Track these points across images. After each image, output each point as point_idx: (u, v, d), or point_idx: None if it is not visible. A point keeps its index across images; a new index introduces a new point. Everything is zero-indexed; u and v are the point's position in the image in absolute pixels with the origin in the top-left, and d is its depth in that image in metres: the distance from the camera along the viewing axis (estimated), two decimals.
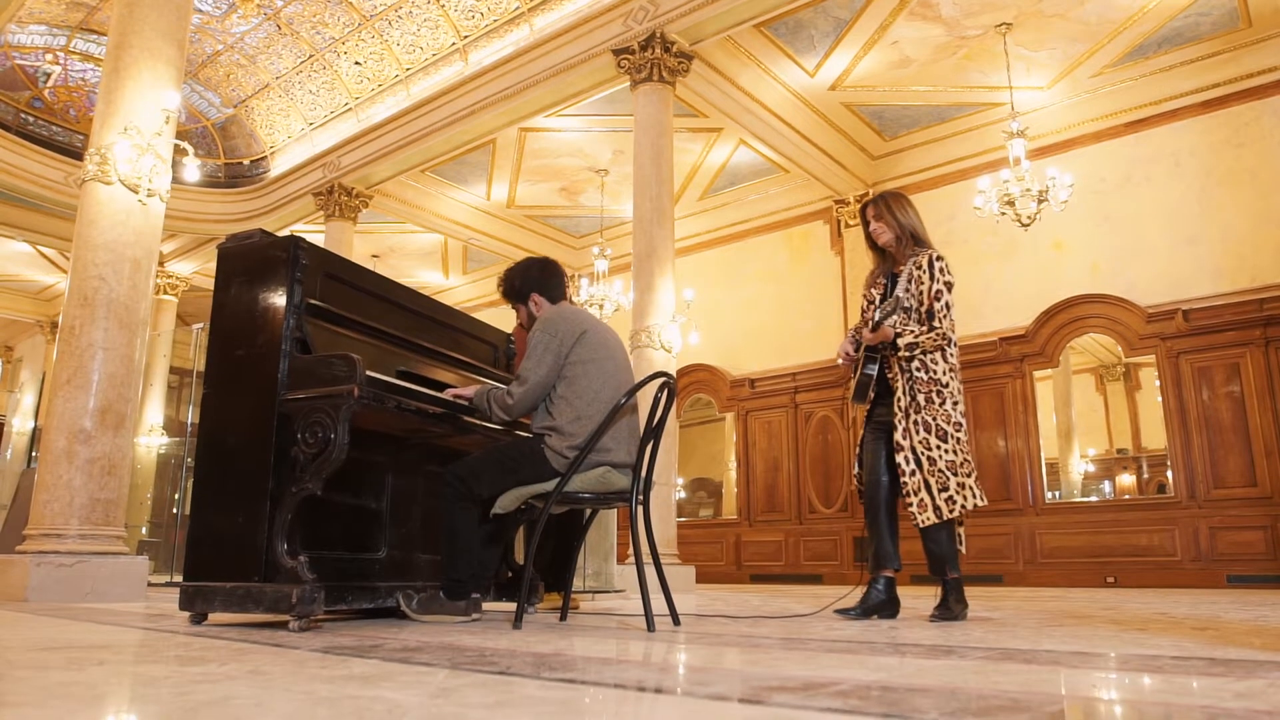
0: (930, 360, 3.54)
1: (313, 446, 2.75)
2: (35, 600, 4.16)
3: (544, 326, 3.14)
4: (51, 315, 16.54)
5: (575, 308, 3.27)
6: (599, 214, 12.76)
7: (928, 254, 3.62)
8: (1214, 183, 9.28)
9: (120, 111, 4.83)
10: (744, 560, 12.00)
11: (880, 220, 3.76)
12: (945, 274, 3.58)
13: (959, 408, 3.53)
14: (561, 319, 3.15)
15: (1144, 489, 9.85)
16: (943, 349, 3.54)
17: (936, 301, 3.54)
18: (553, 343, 3.08)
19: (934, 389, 3.51)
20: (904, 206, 3.74)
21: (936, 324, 3.52)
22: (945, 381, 3.52)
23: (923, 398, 3.51)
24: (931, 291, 3.55)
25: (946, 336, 3.52)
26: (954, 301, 3.59)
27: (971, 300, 10.71)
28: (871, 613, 3.53)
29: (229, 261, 3.08)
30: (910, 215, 3.72)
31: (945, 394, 3.50)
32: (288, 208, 12.33)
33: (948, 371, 3.54)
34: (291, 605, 2.63)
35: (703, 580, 11.77)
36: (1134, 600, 5.60)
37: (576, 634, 2.72)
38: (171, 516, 11.81)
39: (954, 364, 3.58)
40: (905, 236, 3.70)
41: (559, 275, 3.36)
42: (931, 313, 3.54)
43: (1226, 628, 2.98)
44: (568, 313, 3.19)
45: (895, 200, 3.76)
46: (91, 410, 4.49)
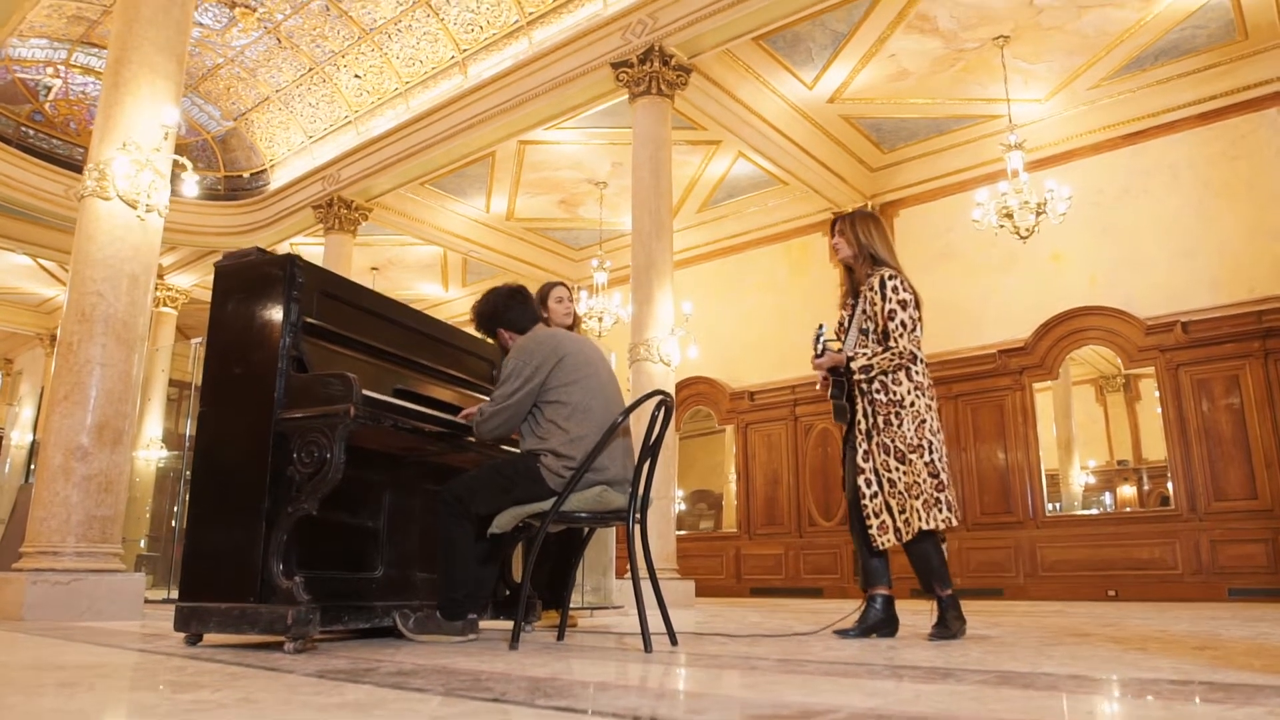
0: (892, 380, 3.52)
1: (309, 466, 2.75)
2: (32, 618, 4.14)
3: (516, 353, 3.13)
4: (51, 328, 16.53)
5: (549, 331, 3.26)
6: (598, 226, 12.77)
7: (880, 274, 3.59)
8: (1211, 195, 9.29)
9: (119, 127, 4.84)
10: (744, 573, 11.97)
11: (841, 236, 3.75)
12: (899, 292, 3.55)
13: (927, 425, 3.49)
14: (536, 345, 3.13)
15: (1145, 500, 9.83)
16: (906, 367, 3.52)
17: (890, 321, 3.52)
18: (525, 369, 3.06)
19: (893, 410, 3.49)
20: (867, 226, 3.71)
21: (892, 344, 3.50)
22: (910, 401, 3.49)
23: (882, 420, 3.51)
24: (884, 312, 3.53)
25: (909, 354, 3.50)
26: (916, 317, 3.55)
27: (970, 312, 10.72)
28: (870, 631, 3.52)
29: (226, 279, 3.08)
30: (871, 235, 3.69)
31: (905, 414, 3.48)
32: (287, 220, 12.34)
33: (912, 390, 3.51)
34: (287, 627, 2.62)
35: (703, 593, 11.74)
36: (1134, 615, 5.58)
37: (574, 655, 2.71)
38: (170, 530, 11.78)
39: (921, 381, 3.54)
40: (863, 255, 3.67)
41: (521, 302, 3.33)
42: (887, 333, 3.53)
43: (1226, 647, 2.96)
44: (542, 337, 3.18)
45: (860, 219, 3.75)
46: (89, 427, 4.48)
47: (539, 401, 3.08)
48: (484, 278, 15.05)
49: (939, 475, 3.45)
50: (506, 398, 3.05)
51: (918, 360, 3.53)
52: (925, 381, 3.55)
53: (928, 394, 3.54)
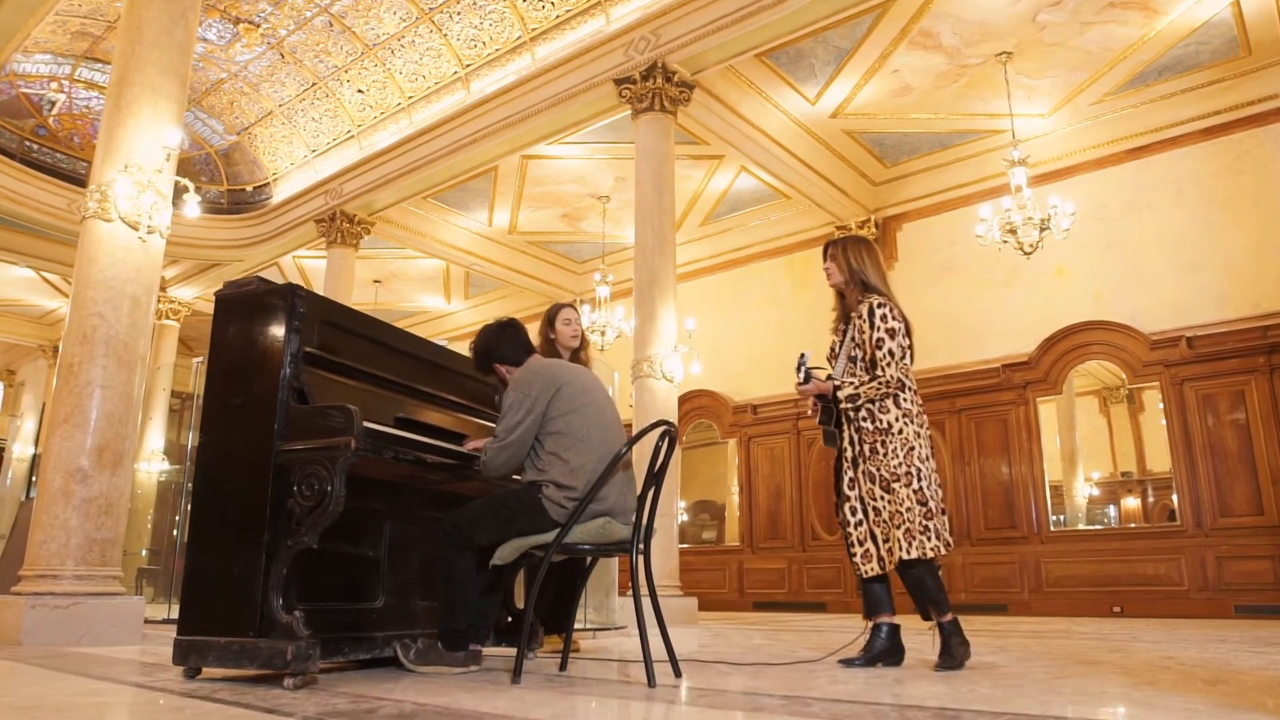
0: (879, 408, 3.50)
1: (309, 499, 2.72)
2: (30, 643, 4.11)
3: (515, 385, 3.11)
4: (53, 340, 16.54)
5: (544, 361, 3.24)
6: (601, 240, 12.76)
7: (869, 302, 3.57)
8: (1216, 210, 9.27)
9: (121, 149, 4.83)
10: (747, 588, 11.92)
11: (833, 261, 3.75)
12: (887, 320, 3.53)
13: (915, 453, 3.45)
14: (534, 377, 3.11)
15: (1149, 513, 9.77)
16: (895, 395, 3.50)
17: (878, 350, 3.50)
18: (525, 400, 3.04)
19: (879, 439, 3.47)
20: (859, 252, 3.70)
21: (879, 372, 3.48)
22: (898, 429, 3.47)
23: (868, 448, 3.49)
24: (872, 340, 3.52)
25: (897, 383, 3.48)
26: (906, 345, 3.52)
27: (974, 327, 10.70)
28: (876, 660, 3.48)
29: (226, 308, 3.06)
30: (863, 261, 3.67)
31: (891, 442, 3.45)
32: (290, 234, 12.35)
33: (900, 418, 3.48)
34: (287, 663, 2.59)
35: (705, 607, 11.69)
36: (1142, 637, 5.53)
37: (577, 691, 2.67)
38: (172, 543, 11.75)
39: (909, 409, 3.50)
40: (854, 281, 3.66)
41: (512, 335, 3.30)
42: (874, 361, 3.51)
43: (1238, 680, 2.92)
44: (537, 368, 3.16)
45: (852, 245, 3.74)
46: (89, 449, 4.47)
47: (539, 434, 3.06)
48: (486, 290, 15.07)
49: (927, 504, 3.41)
50: (509, 432, 3.03)
51: (906, 388, 3.51)
52: (914, 409, 3.52)
53: (917, 421, 3.51)
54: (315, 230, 11.83)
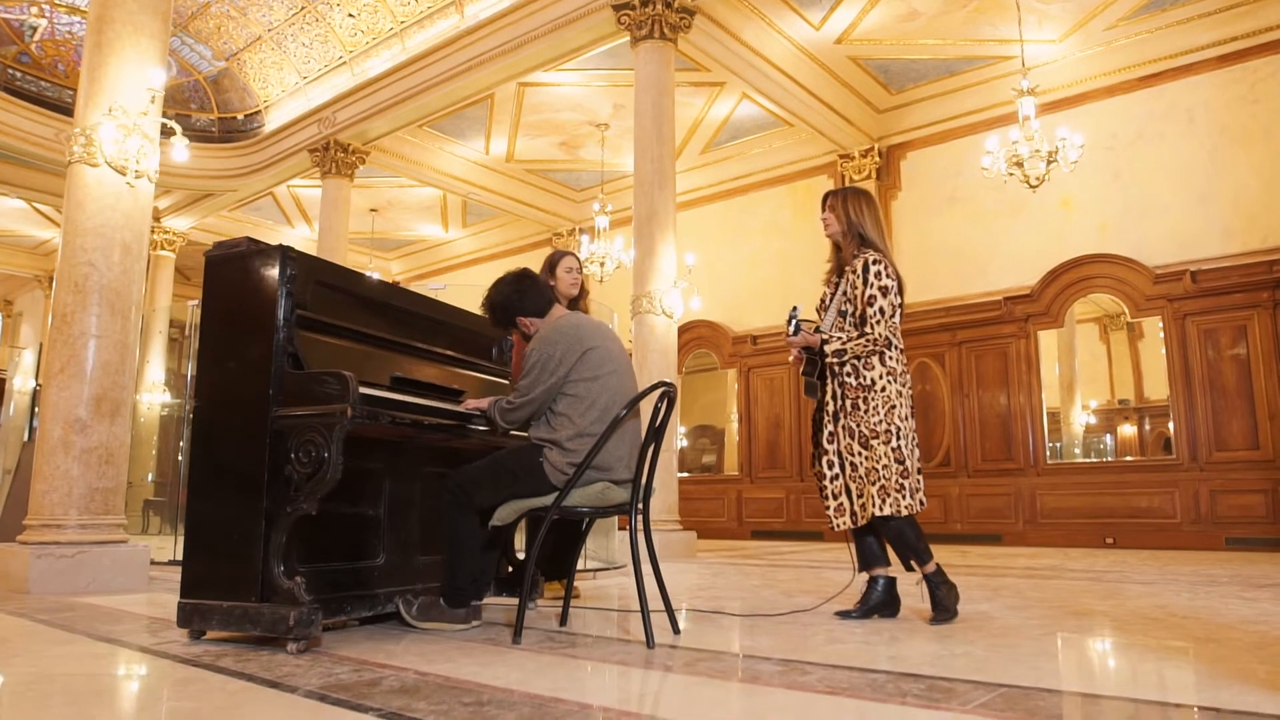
0: (864, 364, 3.49)
1: (306, 466, 2.71)
2: (37, 591, 4.17)
3: (540, 344, 3.06)
4: (49, 270, 16.42)
5: (574, 318, 3.18)
6: (600, 168, 12.55)
7: (864, 258, 3.54)
8: (1227, 140, 9.08)
9: (104, 90, 4.69)
10: (745, 517, 12.09)
11: (831, 212, 3.70)
12: (880, 278, 3.50)
13: (896, 411, 3.46)
14: (560, 336, 3.07)
15: (1145, 441, 9.81)
16: (881, 352, 3.49)
17: (869, 307, 3.48)
18: (550, 362, 3.01)
19: (861, 395, 3.47)
20: (859, 204, 3.65)
21: (869, 329, 3.46)
22: (880, 386, 3.47)
23: (850, 403, 3.49)
24: (864, 296, 3.50)
25: (884, 340, 3.47)
26: (897, 304, 3.51)
27: (977, 259, 10.60)
28: (872, 613, 3.53)
29: (216, 270, 3.00)
30: (862, 214, 3.63)
31: (873, 399, 3.45)
32: (284, 164, 12.12)
33: (884, 375, 3.48)
34: (289, 628, 2.62)
35: (705, 535, 11.88)
36: (1133, 574, 5.61)
37: (577, 654, 2.71)
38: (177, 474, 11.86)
39: (894, 367, 3.50)
40: (851, 235, 3.63)
41: (535, 286, 3.26)
42: (864, 318, 3.48)
43: (1228, 638, 2.96)
44: (565, 328, 3.11)
45: (852, 196, 3.68)
46: (86, 399, 4.45)
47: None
48: (485, 219, 14.89)
49: (904, 462, 3.44)
50: (529, 389, 3.02)
51: (892, 346, 3.52)
52: (899, 368, 3.53)
53: (900, 380, 3.52)
54: (309, 160, 11.62)
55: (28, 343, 17.20)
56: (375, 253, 15.95)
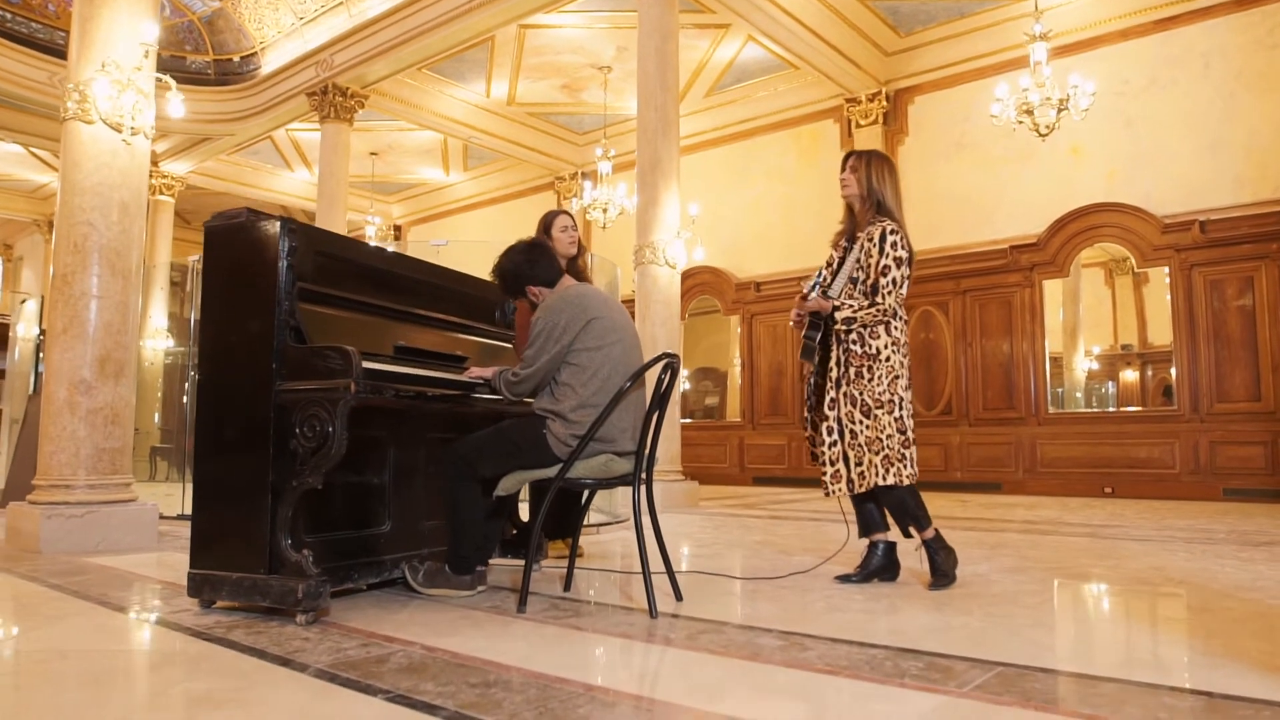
0: (870, 333, 3.50)
1: (311, 441, 2.73)
2: (49, 551, 4.23)
3: (545, 313, 3.05)
4: (48, 214, 16.31)
5: (580, 288, 3.17)
6: (603, 111, 12.36)
7: (882, 226, 3.53)
8: (1242, 86, 8.91)
9: (96, 44, 4.60)
10: (747, 463, 12.19)
11: (853, 173, 3.66)
12: (896, 249, 3.49)
13: (899, 382, 3.49)
14: (566, 305, 3.05)
15: (1146, 387, 9.82)
16: (886, 322, 3.50)
17: (883, 276, 3.47)
18: (555, 330, 3.01)
19: (865, 363, 3.48)
20: (881, 170, 3.62)
21: (879, 299, 3.47)
22: (884, 355, 3.48)
23: (854, 371, 3.50)
24: (878, 266, 3.49)
25: (891, 311, 3.47)
26: (907, 275, 3.51)
27: (983, 205, 10.49)
28: (871, 577, 3.59)
29: (217, 242, 2.98)
30: (883, 181, 3.60)
31: (878, 369, 3.47)
32: (281, 107, 11.95)
33: (889, 345, 3.50)
34: (298, 600, 2.66)
35: (707, 481, 11.99)
36: (1131, 528, 5.67)
37: (582, 624, 2.75)
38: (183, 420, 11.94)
39: (898, 337, 3.53)
40: (869, 200, 3.61)
41: (547, 256, 3.24)
42: (876, 287, 3.47)
43: (1222, 608, 3.01)
44: (571, 297, 3.09)
45: (876, 161, 3.65)
46: (90, 360, 4.46)
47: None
48: (486, 162, 14.72)
49: (906, 432, 3.48)
50: (534, 359, 3.02)
51: (897, 316, 3.53)
52: (902, 338, 3.55)
53: (902, 350, 3.55)
54: (307, 104, 11.45)
55: (29, 287, 17.18)
56: (376, 196, 15.81)
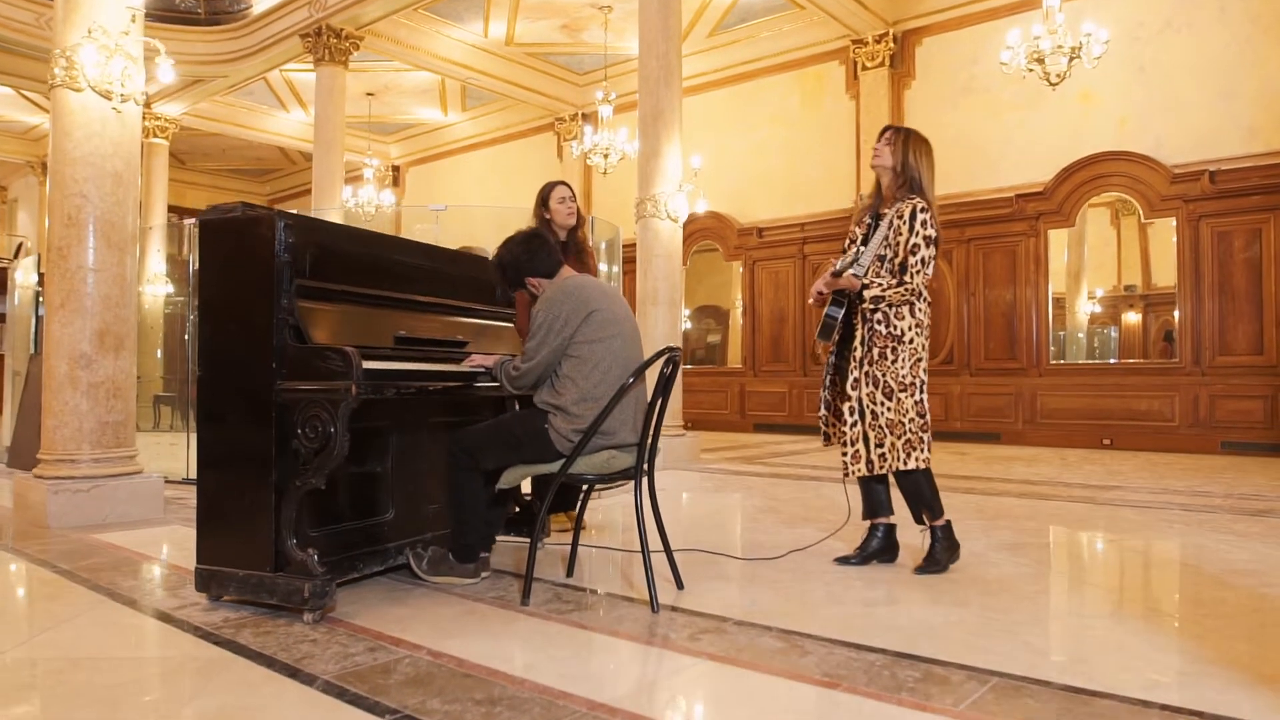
0: (895, 314, 3.48)
1: (314, 442, 2.73)
2: (57, 526, 4.28)
3: (546, 305, 3.03)
4: (40, 155, 16.09)
5: (579, 281, 3.13)
6: (603, 51, 12.08)
7: (912, 203, 3.47)
8: (1260, 31, 8.68)
9: (81, 7, 4.46)
10: (748, 410, 12.24)
11: (889, 146, 3.59)
12: (926, 227, 3.44)
13: (921, 364, 3.50)
14: (565, 297, 3.02)
15: (1149, 330, 9.77)
16: (912, 303, 3.47)
17: (912, 255, 3.44)
18: (555, 323, 2.98)
19: (889, 344, 3.47)
20: (920, 150, 3.56)
21: (908, 278, 3.44)
22: (909, 338, 3.47)
23: (877, 351, 3.48)
24: (908, 244, 3.45)
25: (917, 291, 3.45)
26: (934, 255, 3.47)
27: (989, 152, 10.33)
28: (870, 559, 3.63)
29: (212, 235, 2.93)
30: (920, 160, 3.55)
31: (901, 350, 3.46)
32: (274, 49, 11.68)
33: (913, 327, 3.49)
34: (304, 600, 2.70)
35: (708, 428, 12.08)
36: (1128, 489, 5.72)
37: (586, 621, 2.79)
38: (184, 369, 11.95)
39: (921, 319, 3.51)
40: (904, 177, 3.56)
41: (545, 246, 3.20)
42: (905, 266, 3.44)
43: (1216, 603, 3.05)
44: (571, 289, 3.06)
45: (915, 139, 3.58)
46: (90, 334, 4.44)
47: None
48: (485, 102, 14.46)
49: (925, 415, 3.49)
50: (535, 352, 3.01)
51: (922, 297, 3.49)
52: (925, 320, 3.54)
53: (925, 333, 3.53)
54: (301, 45, 11.18)
55: (24, 229, 17.05)
56: (373, 137, 15.56)
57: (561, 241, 4.34)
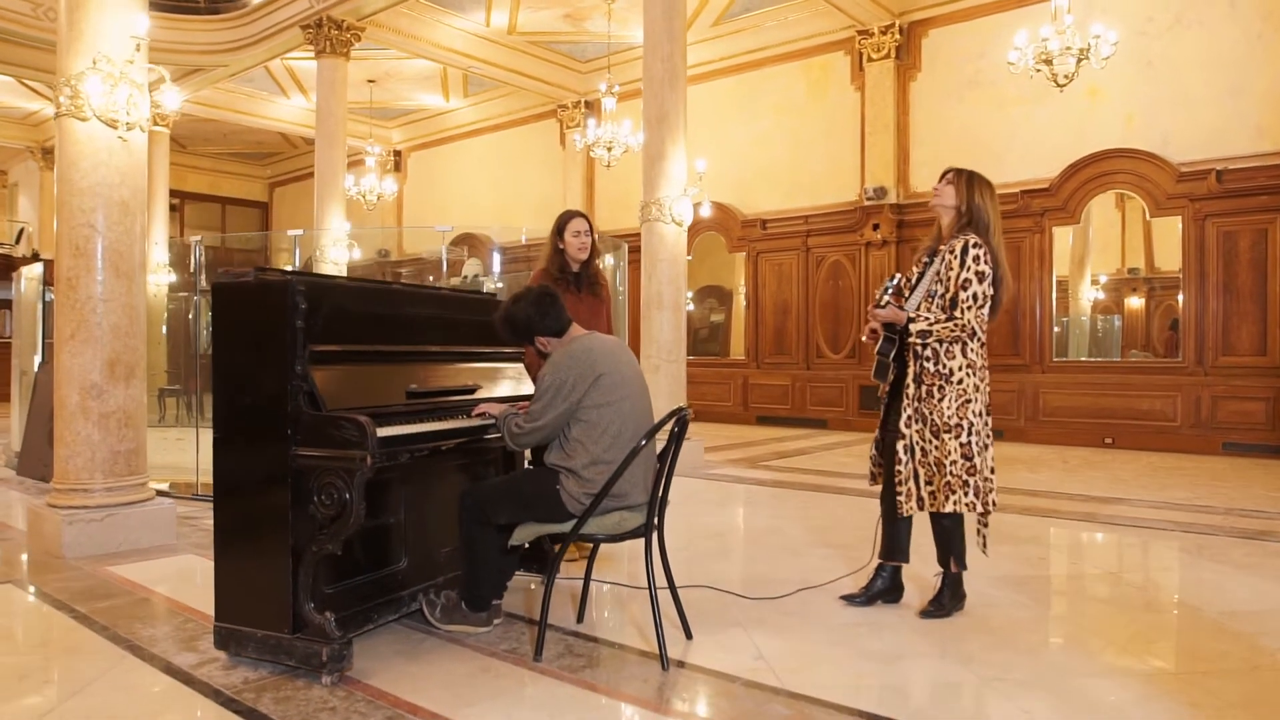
0: (945, 352, 3.46)
1: (330, 508, 2.77)
2: (71, 555, 4.33)
3: (554, 370, 3.05)
4: (40, 140, 16.02)
5: (586, 344, 3.14)
6: (606, 39, 11.97)
7: (965, 239, 3.44)
8: (1271, 28, 8.61)
9: (85, 36, 4.44)
10: (751, 402, 12.29)
11: (952, 186, 3.53)
12: (979, 262, 3.41)
13: (971, 406, 3.44)
14: (573, 362, 3.04)
15: (1153, 316, 9.74)
16: (964, 341, 3.46)
17: (963, 290, 3.41)
18: (563, 388, 3.01)
19: (937, 383, 3.45)
20: (984, 190, 3.51)
21: (958, 314, 3.41)
22: (957, 378, 3.45)
23: (925, 389, 3.48)
24: (959, 279, 3.42)
25: (970, 329, 3.42)
26: (990, 294, 3.43)
27: (995, 147, 10.28)
28: (875, 599, 3.68)
29: (225, 300, 2.95)
30: (985, 200, 3.49)
31: (949, 390, 3.44)
32: (275, 39, 11.57)
33: (964, 367, 3.46)
34: (323, 663, 2.75)
35: (712, 420, 12.14)
36: (1129, 505, 5.77)
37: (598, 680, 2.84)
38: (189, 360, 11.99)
39: (974, 360, 3.47)
40: (968, 217, 3.48)
41: (556, 306, 3.20)
42: (955, 301, 3.43)
43: (1214, 656, 3.10)
44: (578, 353, 3.08)
45: (979, 180, 3.53)
46: (100, 364, 4.46)
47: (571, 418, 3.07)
48: (486, 89, 14.37)
49: (972, 458, 3.42)
50: (541, 414, 3.03)
51: (975, 337, 3.46)
52: (979, 361, 3.48)
53: (979, 374, 3.48)
54: (301, 36, 11.08)
55: (25, 215, 17.01)
56: (375, 122, 15.46)
57: (574, 273, 4.35)
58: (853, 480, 6.94)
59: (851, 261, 11.39)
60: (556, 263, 4.36)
